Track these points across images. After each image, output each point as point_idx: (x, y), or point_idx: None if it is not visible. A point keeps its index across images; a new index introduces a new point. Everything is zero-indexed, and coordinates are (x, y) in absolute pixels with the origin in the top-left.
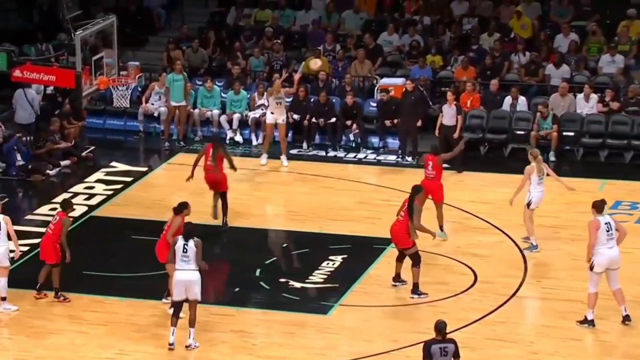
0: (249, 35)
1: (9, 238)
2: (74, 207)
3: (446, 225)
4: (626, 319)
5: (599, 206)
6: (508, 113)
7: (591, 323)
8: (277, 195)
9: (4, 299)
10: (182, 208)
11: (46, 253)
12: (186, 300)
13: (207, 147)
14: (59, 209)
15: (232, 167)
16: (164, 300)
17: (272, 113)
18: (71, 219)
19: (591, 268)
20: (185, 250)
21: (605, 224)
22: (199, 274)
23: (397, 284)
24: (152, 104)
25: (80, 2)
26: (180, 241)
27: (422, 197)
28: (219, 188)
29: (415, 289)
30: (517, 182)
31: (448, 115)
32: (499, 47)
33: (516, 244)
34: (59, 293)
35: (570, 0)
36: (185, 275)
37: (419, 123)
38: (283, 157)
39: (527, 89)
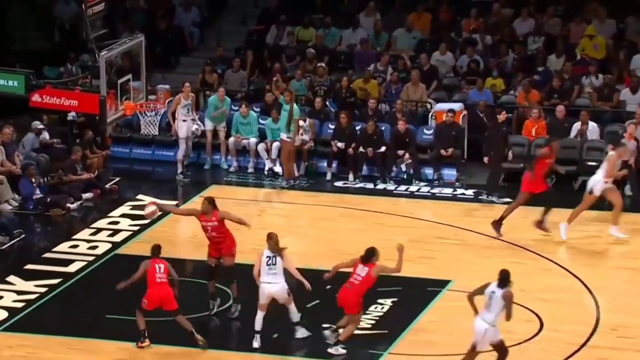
0: (291, 55)
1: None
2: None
3: (511, 266)
4: None
5: None
6: (577, 142)
7: None
8: (319, 232)
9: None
10: (372, 255)
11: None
12: None
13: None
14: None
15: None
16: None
17: None
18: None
19: None
20: (491, 297)
21: None
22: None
23: None
24: (184, 121)
25: (106, 20)
26: (493, 288)
27: None
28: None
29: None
30: (588, 218)
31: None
32: (569, 68)
33: (587, 288)
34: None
35: None
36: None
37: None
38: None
39: (600, 116)
